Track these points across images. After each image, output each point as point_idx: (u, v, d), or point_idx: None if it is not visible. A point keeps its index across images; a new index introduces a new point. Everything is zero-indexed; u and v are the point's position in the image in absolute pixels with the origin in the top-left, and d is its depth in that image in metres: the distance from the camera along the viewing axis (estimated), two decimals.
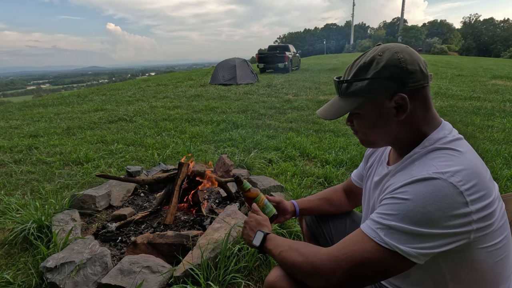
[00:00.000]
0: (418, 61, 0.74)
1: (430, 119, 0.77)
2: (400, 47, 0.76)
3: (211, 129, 4.91)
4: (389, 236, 0.66)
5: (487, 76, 11.82)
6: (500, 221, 0.69)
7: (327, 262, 0.72)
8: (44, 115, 6.38)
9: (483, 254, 0.69)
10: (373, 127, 0.80)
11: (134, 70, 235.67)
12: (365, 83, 0.75)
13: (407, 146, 0.79)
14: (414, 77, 0.73)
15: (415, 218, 0.64)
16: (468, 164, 0.67)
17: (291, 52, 15.95)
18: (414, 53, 0.75)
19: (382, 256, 0.66)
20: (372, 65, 0.75)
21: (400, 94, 0.73)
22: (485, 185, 0.67)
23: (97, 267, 1.57)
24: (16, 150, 3.97)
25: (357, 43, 71.41)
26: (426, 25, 64.98)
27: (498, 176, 2.93)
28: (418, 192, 0.65)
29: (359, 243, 0.70)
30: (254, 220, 1.01)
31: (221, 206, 2.33)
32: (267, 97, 7.92)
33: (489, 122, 5.16)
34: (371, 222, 0.71)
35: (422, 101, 0.76)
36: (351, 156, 3.37)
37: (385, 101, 0.75)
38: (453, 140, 0.74)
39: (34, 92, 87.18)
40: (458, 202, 0.63)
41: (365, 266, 0.68)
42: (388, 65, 0.73)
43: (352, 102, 0.79)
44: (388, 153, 0.93)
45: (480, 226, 0.65)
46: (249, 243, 0.96)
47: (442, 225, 0.63)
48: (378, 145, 0.87)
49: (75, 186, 2.82)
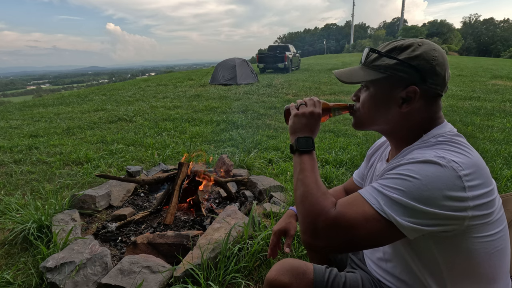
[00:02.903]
0: (446, 67, 0.77)
1: (434, 118, 0.79)
2: (439, 48, 0.77)
3: (211, 129, 4.91)
4: (388, 206, 0.67)
5: (487, 76, 11.83)
6: (498, 212, 0.71)
7: (329, 229, 0.70)
8: (44, 115, 6.38)
9: (479, 244, 0.70)
10: (374, 107, 0.82)
11: (134, 70, 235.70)
12: (393, 63, 0.77)
13: (403, 140, 0.81)
14: (436, 80, 0.75)
15: (415, 195, 0.65)
16: (469, 155, 0.69)
17: (291, 52, 15.95)
18: (446, 60, 0.77)
19: (377, 225, 0.68)
20: (407, 50, 0.76)
21: (414, 86, 0.75)
22: (485, 175, 0.68)
23: (97, 267, 1.57)
24: (16, 150, 3.97)
25: (357, 43, 71.39)
26: (426, 25, 64.93)
27: (498, 176, 2.93)
28: (423, 172, 0.67)
29: (359, 210, 0.69)
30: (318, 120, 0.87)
31: (221, 206, 2.33)
32: (267, 97, 7.92)
33: (489, 122, 5.16)
34: (372, 189, 0.71)
35: (429, 105, 0.77)
36: (351, 156, 3.37)
37: (399, 88, 0.77)
38: (454, 135, 0.76)
39: (34, 92, 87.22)
40: (456, 185, 0.65)
41: (360, 233, 0.68)
42: (422, 56, 0.74)
43: (371, 74, 0.80)
44: (389, 152, 0.94)
45: (476, 214, 0.66)
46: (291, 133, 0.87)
47: (437, 205, 0.64)
48: (370, 127, 0.87)
49: (75, 186, 2.82)
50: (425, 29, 60.55)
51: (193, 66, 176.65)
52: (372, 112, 0.83)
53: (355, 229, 0.68)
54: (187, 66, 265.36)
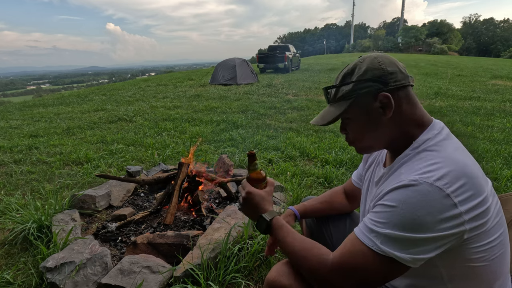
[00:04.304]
0: (396, 63, 0.80)
1: (418, 119, 0.79)
2: (378, 54, 0.83)
3: (211, 129, 4.91)
4: (385, 244, 0.67)
5: (487, 76, 11.83)
6: (495, 218, 0.70)
7: (335, 275, 0.74)
8: (44, 115, 6.38)
9: (478, 253, 0.69)
10: (364, 130, 0.83)
11: (134, 70, 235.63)
12: (350, 86, 0.81)
13: (398, 148, 0.81)
14: (395, 77, 0.78)
15: (405, 225, 0.65)
16: (455, 164, 0.68)
17: (291, 52, 15.94)
18: (392, 58, 0.81)
19: (380, 264, 0.69)
20: (355, 70, 0.81)
21: (383, 93, 0.77)
22: (475, 184, 0.67)
23: (97, 267, 1.57)
24: (16, 150, 3.97)
25: (357, 43, 71.40)
26: (426, 25, 64.92)
27: (498, 176, 2.93)
28: (405, 199, 0.66)
29: (359, 254, 0.71)
30: (256, 196, 0.92)
31: (221, 206, 2.33)
32: (267, 97, 7.92)
33: (489, 122, 5.16)
34: (366, 229, 0.72)
35: (406, 99, 0.79)
36: (351, 156, 3.37)
37: (370, 102, 0.79)
38: (442, 139, 0.75)
39: (34, 92, 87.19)
40: (445, 204, 0.64)
41: (367, 275, 0.71)
42: (369, 68, 0.79)
43: (341, 106, 0.83)
44: (385, 155, 0.94)
45: (473, 225, 0.66)
46: (253, 220, 0.94)
47: (433, 229, 0.64)
48: (373, 148, 0.88)
49: (75, 186, 2.82)
50: (425, 29, 60.56)
51: (193, 66, 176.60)
52: (367, 136, 0.84)
53: (361, 271, 0.70)
54: (187, 66, 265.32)
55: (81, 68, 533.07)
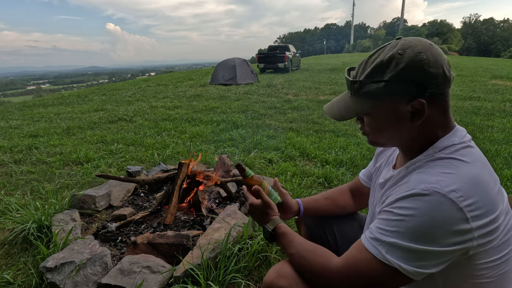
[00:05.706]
0: (442, 62, 0.67)
1: (444, 125, 0.73)
2: (423, 45, 0.68)
3: (211, 129, 4.91)
4: (390, 254, 0.66)
5: (487, 76, 11.82)
6: (504, 236, 0.66)
7: (338, 280, 0.74)
8: (44, 115, 6.38)
9: (483, 270, 0.67)
10: (384, 129, 0.75)
11: (134, 70, 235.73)
12: (382, 85, 0.69)
13: (414, 150, 0.75)
14: (436, 82, 0.67)
15: (415, 235, 0.63)
16: (471, 177, 0.64)
17: (291, 52, 15.95)
18: (439, 53, 0.68)
19: (384, 273, 0.68)
20: (390, 65, 0.67)
21: (419, 99, 0.67)
22: (489, 200, 0.63)
23: (97, 267, 1.57)
24: (16, 150, 3.97)
25: (357, 43, 71.40)
26: (426, 25, 64.93)
27: (498, 176, 2.92)
28: (417, 208, 0.63)
29: (364, 261, 0.70)
30: (257, 209, 0.97)
31: (221, 206, 2.33)
32: (267, 97, 7.92)
33: (489, 122, 5.16)
34: (372, 236, 0.71)
35: (441, 107, 0.71)
36: (351, 156, 3.37)
37: (401, 105, 0.69)
38: (460, 148, 0.70)
39: (34, 92, 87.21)
40: (458, 218, 0.60)
41: (370, 283, 0.70)
42: (409, 66, 0.66)
43: (365, 103, 0.72)
44: (396, 156, 0.90)
45: (481, 242, 0.63)
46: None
47: (442, 243, 0.61)
48: (386, 146, 0.86)
49: (75, 186, 2.82)
50: (425, 29, 60.56)
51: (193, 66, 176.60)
52: (385, 135, 0.77)
53: (364, 278, 0.70)
54: (187, 66, 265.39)
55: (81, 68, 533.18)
